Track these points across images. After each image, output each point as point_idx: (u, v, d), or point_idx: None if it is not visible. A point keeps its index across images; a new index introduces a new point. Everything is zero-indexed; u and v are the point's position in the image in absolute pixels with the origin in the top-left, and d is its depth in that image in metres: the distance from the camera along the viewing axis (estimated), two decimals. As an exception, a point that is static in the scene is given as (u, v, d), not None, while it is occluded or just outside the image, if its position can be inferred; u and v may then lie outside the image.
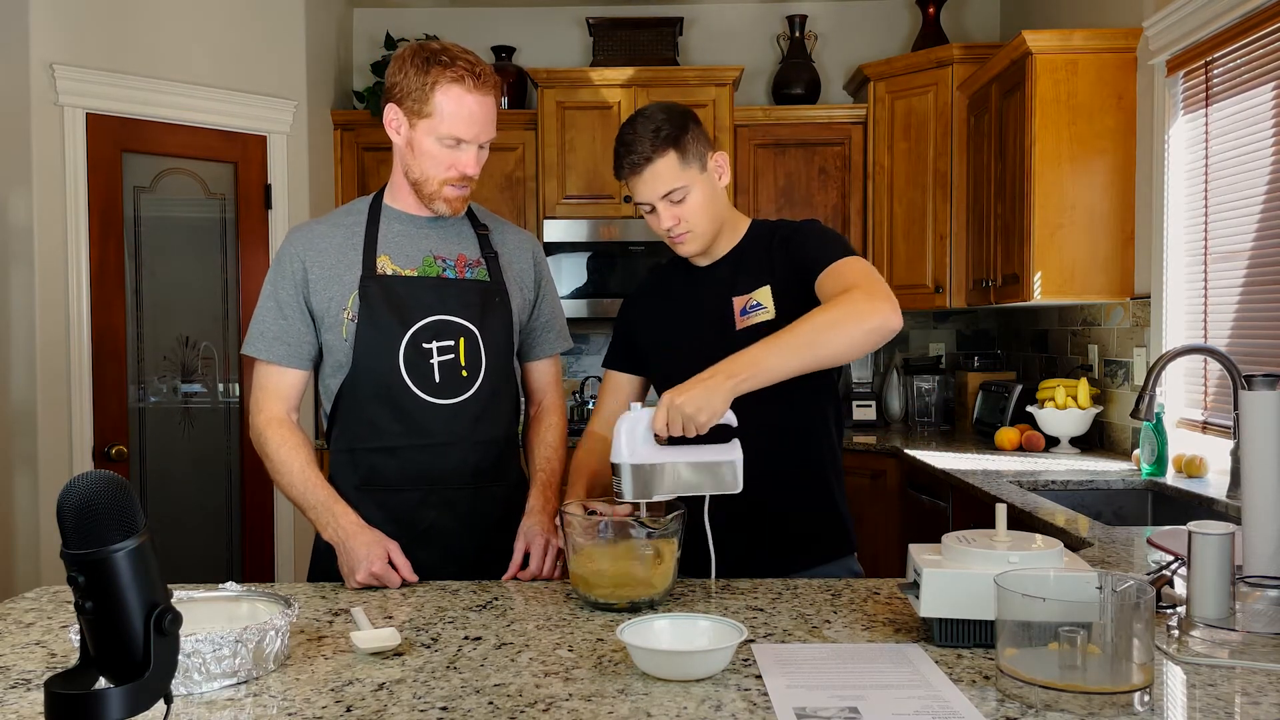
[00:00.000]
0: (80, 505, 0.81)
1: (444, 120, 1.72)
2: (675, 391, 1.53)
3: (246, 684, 1.23)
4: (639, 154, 1.75)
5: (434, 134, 1.73)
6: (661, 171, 1.76)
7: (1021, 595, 1.14)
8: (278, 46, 4.02)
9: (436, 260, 1.84)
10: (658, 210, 1.79)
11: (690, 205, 1.78)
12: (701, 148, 1.79)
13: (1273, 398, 1.39)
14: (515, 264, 1.93)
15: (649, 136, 1.75)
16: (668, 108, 1.80)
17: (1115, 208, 3.40)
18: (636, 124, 1.77)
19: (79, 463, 3.44)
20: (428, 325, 1.79)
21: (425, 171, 1.78)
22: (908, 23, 4.79)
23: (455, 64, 1.72)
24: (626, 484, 1.56)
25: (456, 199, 1.81)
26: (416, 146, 1.76)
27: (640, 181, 1.77)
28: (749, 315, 1.80)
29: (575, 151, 4.40)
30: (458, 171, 1.77)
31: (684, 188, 1.77)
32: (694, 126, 1.79)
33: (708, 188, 1.80)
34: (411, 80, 1.73)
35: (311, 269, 1.80)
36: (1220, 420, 2.93)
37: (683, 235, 1.81)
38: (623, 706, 1.14)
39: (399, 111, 1.76)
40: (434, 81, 1.71)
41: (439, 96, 1.72)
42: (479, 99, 1.73)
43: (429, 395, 1.79)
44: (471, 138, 1.74)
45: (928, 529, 3.40)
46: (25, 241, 3.33)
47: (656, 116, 1.77)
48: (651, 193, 1.78)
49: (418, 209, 1.85)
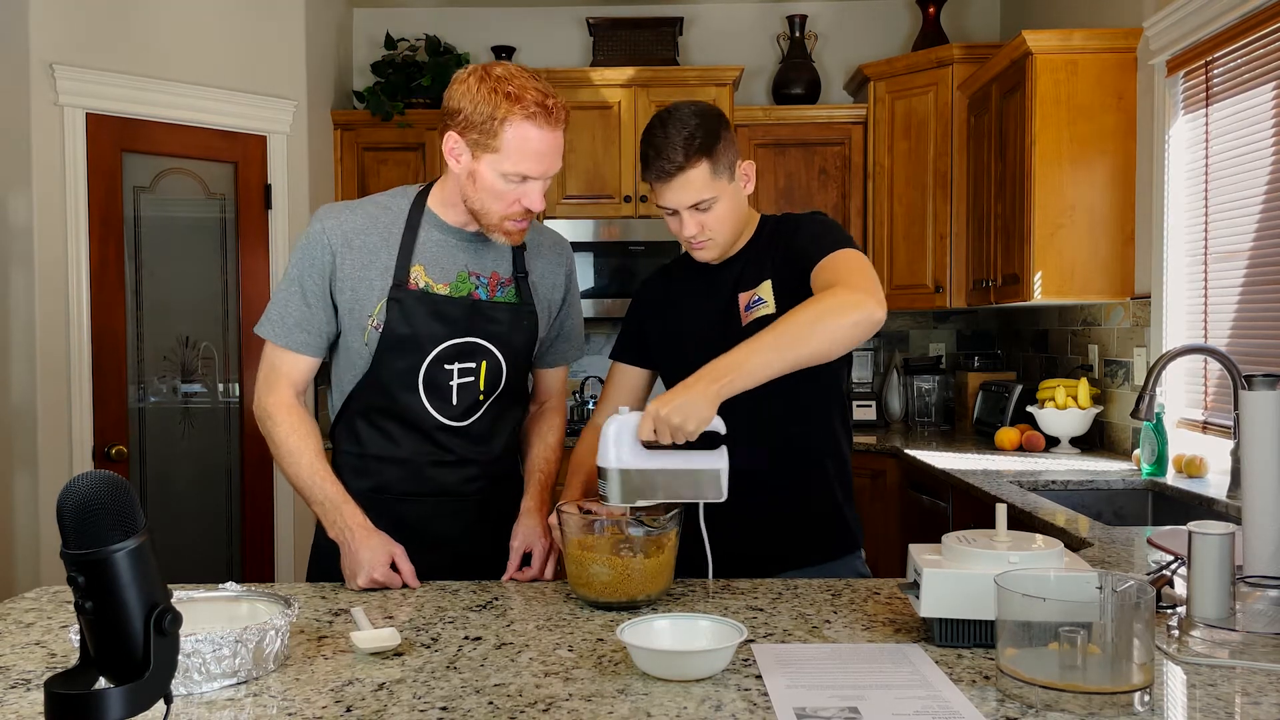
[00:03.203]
0: (80, 505, 0.81)
1: (510, 158, 1.63)
2: (661, 401, 1.50)
3: (246, 684, 1.23)
4: (671, 161, 1.69)
5: (499, 169, 1.65)
6: (693, 181, 1.71)
7: (1022, 595, 1.14)
8: (278, 46, 4.02)
9: (471, 276, 1.78)
10: (682, 216, 1.75)
11: (715, 214, 1.75)
12: (732, 156, 1.75)
13: (1273, 398, 1.39)
14: (546, 279, 1.87)
15: (682, 144, 1.69)
16: (700, 111, 1.73)
17: (1115, 208, 3.40)
18: (669, 128, 1.70)
19: (79, 463, 3.44)
20: (452, 347, 1.75)
21: (486, 205, 1.69)
22: (908, 23, 4.79)
23: (526, 98, 1.61)
24: (613, 489, 1.55)
25: (517, 231, 1.73)
26: (479, 179, 1.67)
27: (669, 189, 1.73)
28: (752, 310, 1.79)
29: (575, 151, 4.40)
30: (521, 207, 1.69)
31: (713, 198, 1.73)
32: (725, 133, 1.74)
33: (734, 197, 1.77)
34: (479, 110, 1.62)
35: (341, 263, 1.73)
36: (1220, 420, 2.93)
37: (704, 243, 1.78)
38: (623, 706, 1.14)
39: (460, 141, 1.66)
40: (504, 117, 1.61)
41: (509, 133, 1.62)
42: (550, 135, 1.64)
43: (444, 416, 1.77)
44: (540, 174, 1.66)
45: (928, 529, 3.40)
46: (25, 242, 3.33)
47: (690, 121, 1.70)
48: (679, 200, 1.73)
49: (463, 224, 1.77)
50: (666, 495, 1.56)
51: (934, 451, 3.61)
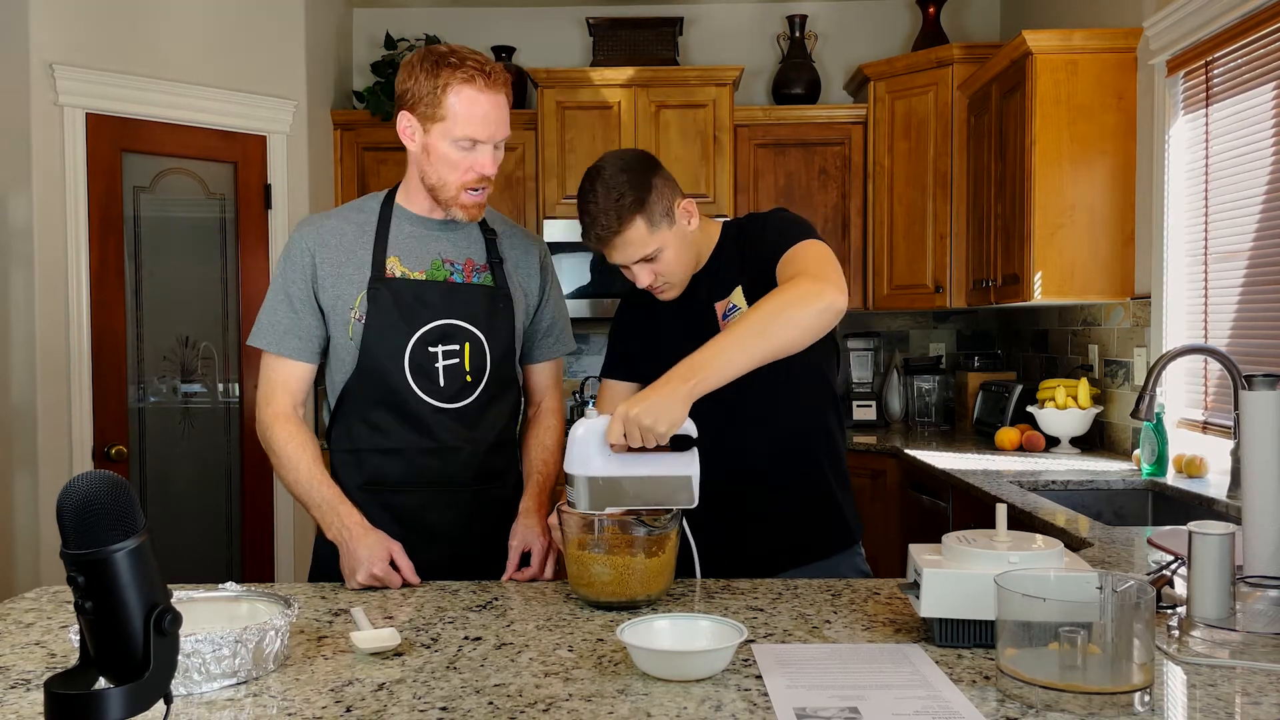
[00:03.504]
0: (80, 505, 0.81)
1: (458, 122, 1.71)
2: (630, 403, 1.48)
3: (246, 684, 1.23)
4: (604, 228, 1.72)
5: (449, 137, 1.72)
6: (632, 240, 1.73)
7: (1022, 595, 1.14)
8: (278, 46, 4.02)
9: (445, 264, 1.84)
10: (633, 270, 1.79)
11: (665, 261, 1.77)
12: (667, 201, 1.75)
13: (1273, 398, 1.39)
14: (520, 269, 1.93)
15: (614, 208, 1.70)
16: (626, 165, 1.74)
17: (1115, 208, 3.40)
18: (597, 191, 1.72)
19: (79, 463, 3.44)
20: (434, 329, 1.79)
21: (443, 176, 1.76)
22: (908, 23, 4.79)
23: (465, 64, 1.70)
24: (581, 495, 1.52)
25: (473, 205, 1.79)
26: (432, 151, 1.75)
27: (611, 251, 1.76)
28: (729, 318, 1.80)
29: (575, 152, 4.40)
30: (475, 173, 1.75)
31: (657, 249, 1.75)
32: (657, 180, 1.74)
33: (679, 238, 1.78)
34: (422, 85, 1.71)
35: (321, 264, 1.80)
36: (1220, 420, 2.93)
37: (661, 287, 1.81)
38: (623, 706, 1.14)
39: (412, 118, 1.75)
40: (445, 84, 1.70)
41: (451, 99, 1.70)
42: (491, 98, 1.72)
43: (433, 399, 1.80)
44: (486, 137, 1.73)
45: (928, 529, 3.40)
46: (25, 242, 3.33)
47: (617, 180, 1.71)
48: (625, 258, 1.77)
49: (429, 211, 1.85)
50: (637, 501, 1.53)
51: (934, 451, 3.61)
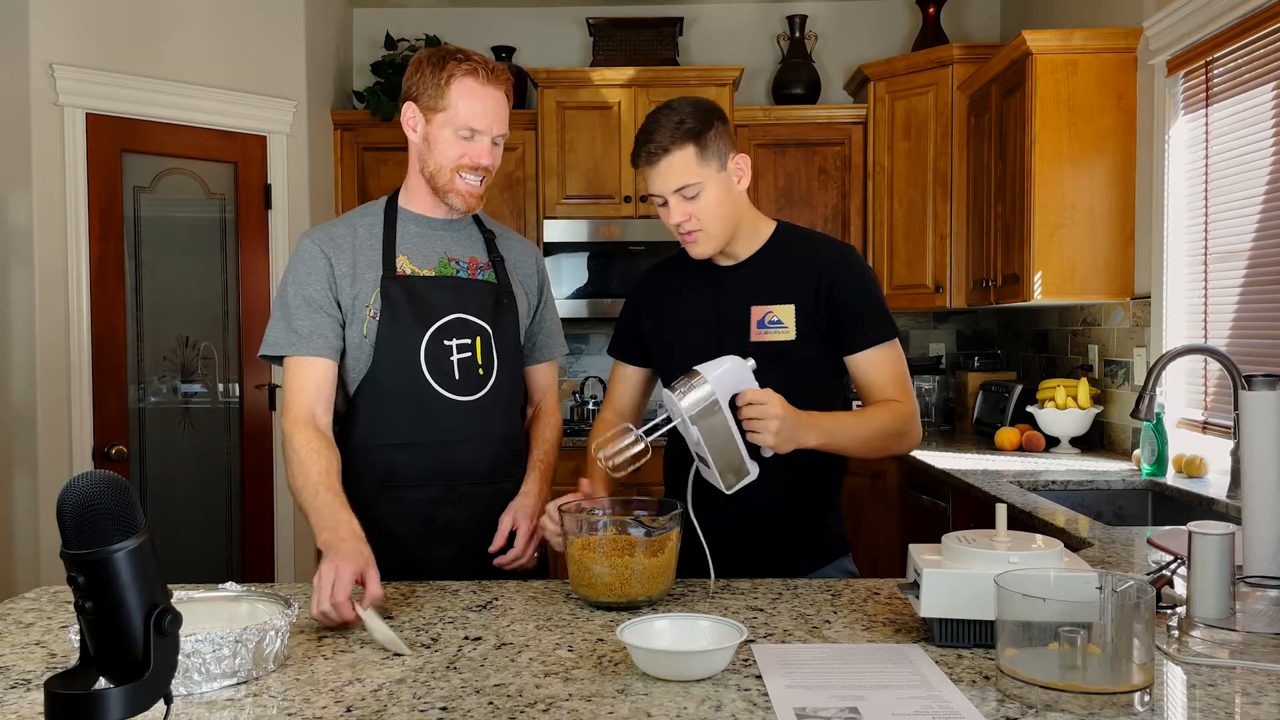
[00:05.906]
0: (80, 505, 0.81)
1: (459, 112, 1.78)
2: (784, 404, 1.60)
3: (246, 684, 1.23)
4: (656, 144, 1.73)
5: (450, 126, 1.79)
6: (677, 163, 1.73)
7: (1022, 595, 1.14)
8: (278, 46, 4.02)
9: (451, 262, 1.88)
10: (669, 204, 1.76)
11: (704, 203, 1.75)
12: (723, 146, 1.77)
13: (1273, 398, 1.39)
14: (520, 269, 1.98)
15: (670, 128, 1.73)
16: (695, 102, 1.79)
17: (1115, 208, 3.40)
18: (660, 114, 1.76)
19: (79, 463, 3.44)
20: (447, 323, 1.83)
21: (440, 162, 1.81)
22: (908, 23, 4.79)
23: (469, 60, 1.79)
24: (691, 392, 1.58)
25: (469, 193, 1.83)
26: (432, 140, 1.81)
27: (655, 173, 1.75)
28: (767, 330, 1.79)
29: (575, 151, 4.40)
30: (471, 160, 1.80)
31: (698, 184, 1.74)
32: (719, 124, 1.77)
33: (724, 188, 1.77)
34: (427, 78, 1.79)
35: (337, 264, 1.83)
36: (1220, 420, 2.93)
37: (694, 234, 1.78)
38: (623, 706, 1.14)
39: (416, 109, 1.82)
40: (449, 76, 1.78)
41: (454, 90, 1.78)
42: (492, 92, 1.80)
43: (449, 392, 1.82)
44: (485, 129, 1.79)
45: (928, 529, 3.40)
46: (25, 242, 3.33)
47: (682, 109, 1.76)
48: (664, 185, 1.75)
49: (431, 210, 1.89)
50: (705, 438, 1.59)
51: (934, 451, 3.61)
